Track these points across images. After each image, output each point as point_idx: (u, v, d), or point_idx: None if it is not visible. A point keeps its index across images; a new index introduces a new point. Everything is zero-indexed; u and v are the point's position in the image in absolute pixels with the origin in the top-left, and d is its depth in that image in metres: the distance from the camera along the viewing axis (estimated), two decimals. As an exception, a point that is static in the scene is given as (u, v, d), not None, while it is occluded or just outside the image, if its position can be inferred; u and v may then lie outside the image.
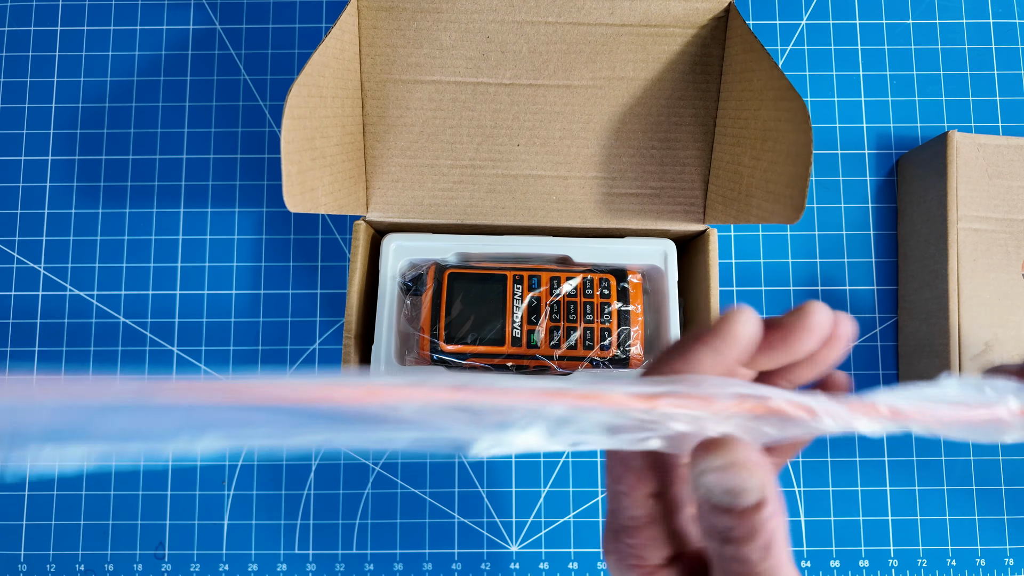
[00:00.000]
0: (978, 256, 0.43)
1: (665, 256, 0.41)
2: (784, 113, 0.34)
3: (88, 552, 0.46)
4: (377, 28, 0.40)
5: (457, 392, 0.17)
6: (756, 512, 0.17)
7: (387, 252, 0.41)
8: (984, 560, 0.45)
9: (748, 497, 0.17)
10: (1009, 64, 0.50)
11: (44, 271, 0.48)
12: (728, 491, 0.17)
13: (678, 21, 0.40)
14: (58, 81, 0.50)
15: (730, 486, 0.17)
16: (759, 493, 0.17)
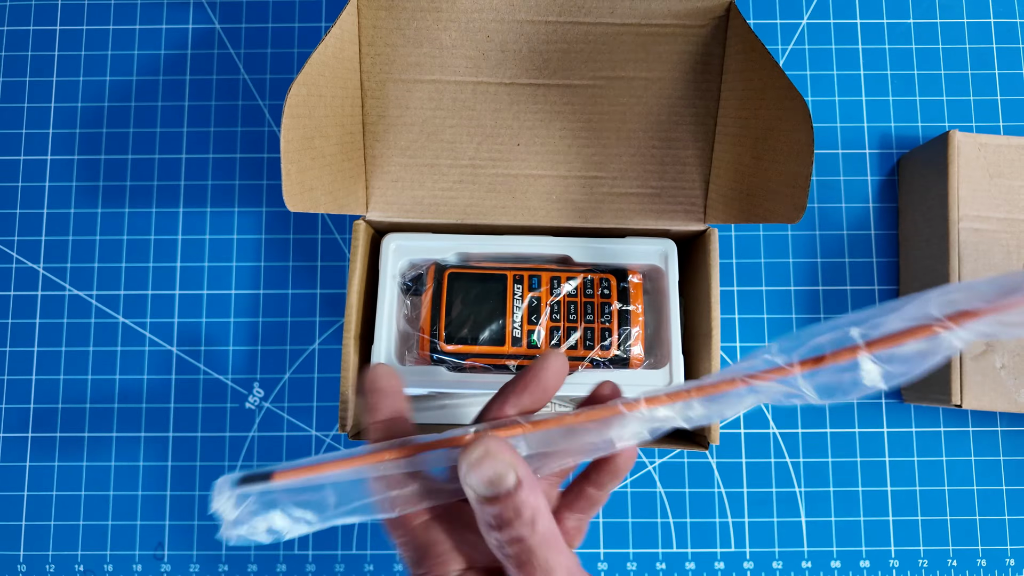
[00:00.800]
0: (979, 256, 0.42)
1: (665, 256, 0.41)
2: (785, 112, 0.34)
3: (87, 552, 0.46)
4: (377, 27, 0.40)
5: None
6: (516, 493, 0.20)
7: (387, 252, 0.41)
8: (985, 560, 0.45)
9: (506, 482, 0.20)
10: (1010, 63, 0.50)
11: (43, 271, 0.48)
12: (489, 482, 0.20)
13: (679, 20, 0.40)
14: (57, 80, 0.50)
15: (489, 476, 0.20)
16: (514, 477, 0.20)
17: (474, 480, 0.20)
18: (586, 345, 0.39)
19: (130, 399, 0.47)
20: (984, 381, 0.41)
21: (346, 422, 0.37)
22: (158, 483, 0.46)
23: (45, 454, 0.47)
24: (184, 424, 0.47)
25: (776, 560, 0.45)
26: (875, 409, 0.47)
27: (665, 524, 0.46)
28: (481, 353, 0.39)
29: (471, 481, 0.20)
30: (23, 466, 0.46)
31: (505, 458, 0.20)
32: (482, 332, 0.39)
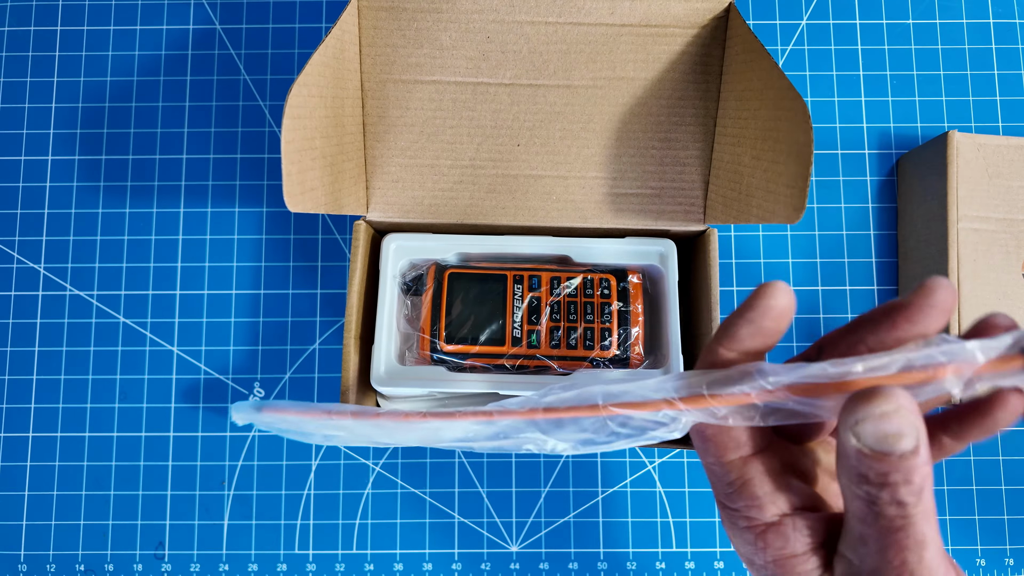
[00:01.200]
0: (978, 256, 0.43)
1: (665, 256, 0.41)
2: (784, 113, 0.34)
3: (88, 552, 0.46)
4: (377, 28, 0.40)
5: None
6: (913, 457, 0.18)
7: (387, 252, 0.41)
8: (984, 560, 0.45)
9: (906, 443, 0.18)
10: (1009, 64, 0.50)
11: (44, 271, 0.48)
12: (885, 437, 0.18)
13: (678, 21, 0.40)
14: (58, 81, 0.50)
15: (889, 432, 0.18)
16: (915, 440, 0.18)
17: (869, 431, 0.18)
18: (586, 345, 0.40)
19: (131, 399, 0.47)
20: (983, 381, 0.41)
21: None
22: (159, 483, 0.46)
23: (46, 454, 0.47)
24: (185, 424, 0.47)
25: (776, 560, 0.46)
26: (874, 409, 0.47)
27: (665, 524, 0.46)
28: (481, 353, 0.39)
29: (864, 431, 0.18)
30: (24, 466, 0.47)
31: (913, 419, 0.18)
32: (482, 332, 0.39)
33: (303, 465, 0.47)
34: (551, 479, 0.46)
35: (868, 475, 0.19)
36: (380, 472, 0.47)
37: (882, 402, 0.18)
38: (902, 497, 0.19)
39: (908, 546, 0.19)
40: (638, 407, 0.22)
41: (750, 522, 0.22)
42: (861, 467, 0.19)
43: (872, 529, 0.19)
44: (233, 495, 0.46)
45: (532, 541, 0.46)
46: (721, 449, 0.22)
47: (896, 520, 0.19)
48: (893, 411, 0.18)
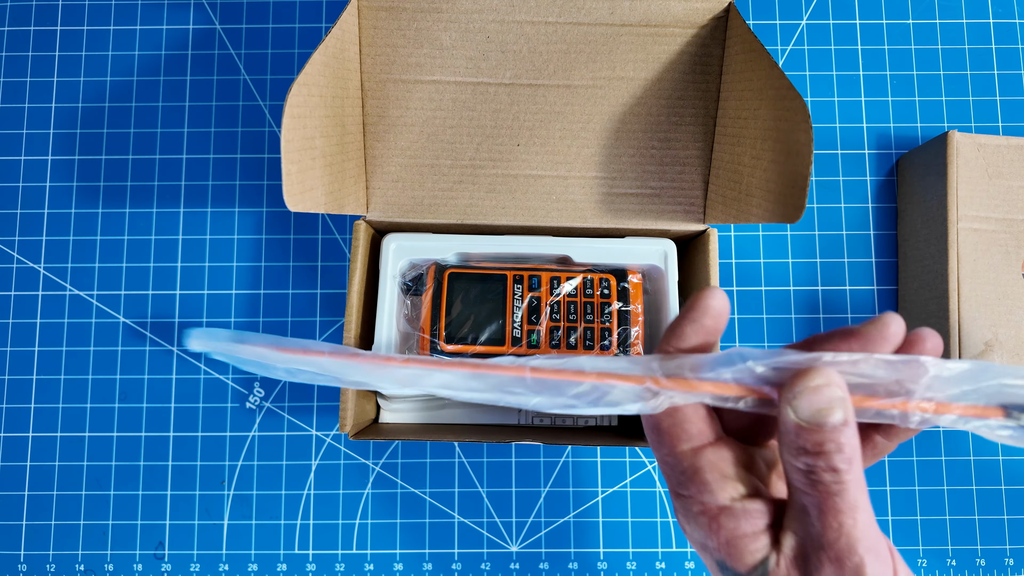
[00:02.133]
0: (978, 256, 0.43)
1: (665, 256, 0.41)
2: (784, 113, 0.34)
3: (88, 552, 0.46)
4: (377, 28, 0.40)
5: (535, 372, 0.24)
6: (843, 428, 0.21)
7: (387, 252, 0.41)
8: (984, 560, 0.45)
9: (836, 415, 0.21)
10: (1009, 64, 0.50)
11: (44, 271, 0.48)
12: (819, 411, 0.21)
13: (678, 21, 0.40)
14: (58, 81, 0.50)
15: (821, 405, 0.21)
16: (844, 413, 0.21)
17: (804, 405, 0.21)
18: (586, 345, 0.40)
19: (130, 399, 0.47)
20: (983, 381, 0.41)
21: (346, 422, 0.37)
22: (159, 483, 0.46)
23: (46, 454, 0.47)
24: (184, 424, 0.47)
25: (775, 560, 0.45)
26: (874, 409, 0.47)
27: (665, 523, 0.46)
28: (481, 353, 0.39)
29: (800, 405, 0.21)
30: (24, 466, 0.47)
31: (841, 393, 0.21)
32: (482, 332, 0.39)
33: (303, 465, 0.47)
34: (551, 479, 0.46)
35: (806, 446, 0.21)
36: (380, 472, 0.47)
37: (815, 376, 0.21)
38: (836, 464, 0.21)
39: (844, 510, 0.21)
40: (623, 378, 0.23)
41: (703, 506, 0.23)
42: (799, 440, 0.21)
43: (811, 497, 0.21)
44: (233, 495, 0.46)
45: (532, 541, 0.46)
46: (674, 440, 0.24)
47: (832, 486, 0.21)
48: (824, 385, 0.21)
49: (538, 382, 0.24)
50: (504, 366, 0.24)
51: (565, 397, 0.24)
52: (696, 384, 0.23)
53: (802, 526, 0.22)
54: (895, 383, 0.22)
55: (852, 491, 0.21)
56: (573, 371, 0.24)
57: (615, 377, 0.23)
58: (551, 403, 0.24)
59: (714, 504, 0.23)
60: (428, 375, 0.25)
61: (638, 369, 0.23)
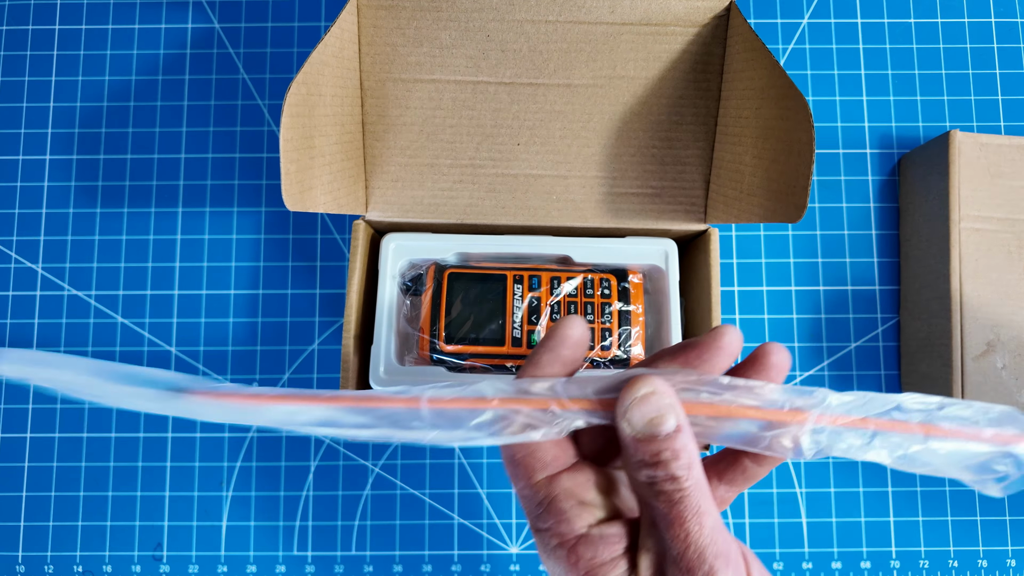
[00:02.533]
0: (980, 256, 0.42)
1: (666, 256, 0.41)
2: (786, 112, 0.34)
3: (86, 553, 0.45)
4: (377, 27, 0.40)
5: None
6: (677, 435, 0.21)
7: (387, 252, 0.41)
8: (986, 561, 0.45)
9: (668, 423, 0.21)
10: (1011, 63, 0.50)
11: (42, 271, 0.48)
12: (650, 420, 0.21)
13: (679, 20, 0.40)
14: (56, 80, 0.50)
15: (652, 415, 0.21)
16: (675, 420, 0.21)
17: (635, 416, 0.21)
18: (586, 345, 0.39)
19: (129, 399, 0.47)
20: (985, 381, 0.41)
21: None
22: (157, 484, 0.46)
23: (44, 454, 0.46)
24: (183, 425, 0.47)
25: (777, 561, 0.45)
26: (876, 409, 0.47)
27: (665, 525, 0.46)
28: (481, 353, 0.39)
29: (632, 417, 0.21)
30: (22, 466, 0.46)
31: (669, 400, 0.21)
32: (482, 332, 0.39)
33: (302, 467, 0.46)
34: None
35: (644, 458, 0.21)
36: (379, 473, 0.46)
37: (641, 386, 0.21)
38: (674, 471, 0.21)
39: (688, 517, 0.21)
40: (527, 403, 0.22)
41: (561, 538, 0.22)
42: (638, 453, 0.21)
43: (657, 509, 0.21)
44: (232, 496, 0.46)
45: (532, 543, 0.46)
46: (529, 471, 0.23)
47: (674, 494, 0.21)
48: (651, 393, 0.21)
49: (436, 413, 0.22)
50: (395, 398, 0.22)
51: (464, 429, 0.22)
52: (605, 403, 0.22)
53: (655, 542, 0.22)
54: (786, 412, 0.21)
55: (694, 497, 0.21)
56: (473, 399, 0.22)
57: (519, 402, 0.22)
58: (449, 437, 0.22)
59: (571, 534, 0.22)
60: (304, 411, 0.22)
61: (541, 392, 0.22)
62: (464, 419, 0.22)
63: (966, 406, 0.22)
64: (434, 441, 0.22)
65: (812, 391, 0.22)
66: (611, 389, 0.22)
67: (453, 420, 0.22)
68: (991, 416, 0.21)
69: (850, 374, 0.47)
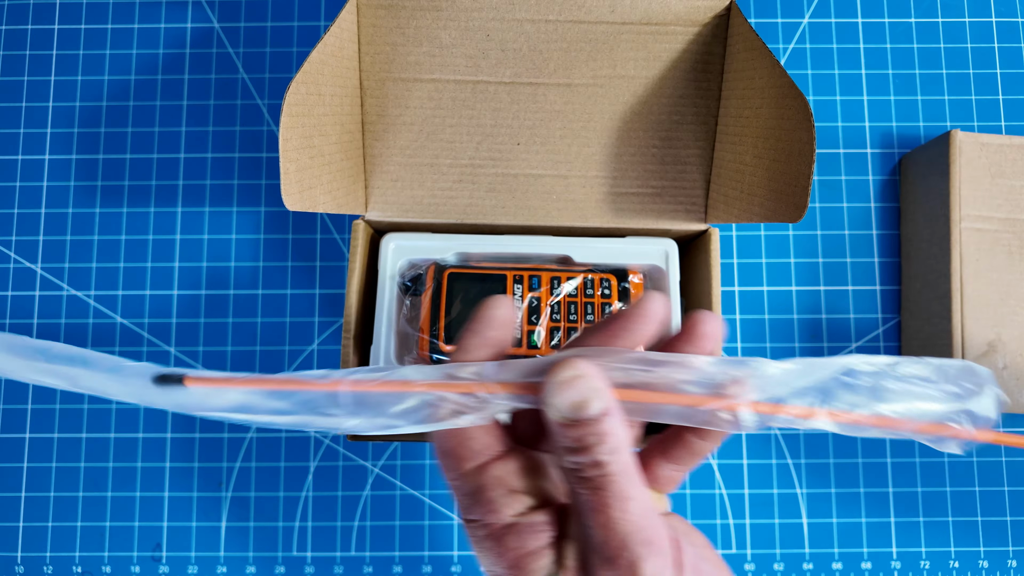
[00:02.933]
0: (981, 256, 0.42)
1: (666, 256, 0.41)
2: (786, 111, 0.34)
3: (85, 554, 0.45)
4: (376, 26, 0.40)
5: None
6: (602, 419, 0.20)
7: (386, 252, 0.41)
8: (987, 562, 0.45)
9: (593, 406, 0.20)
10: (1012, 63, 0.50)
11: (41, 271, 0.48)
12: (575, 405, 0.20)
13: (679, 19, 0.40)
14: (55, 80, 0.50)
15: (576, 399, 0.20)
16: (602, 403, 0.20)
17: (559, 400, 0.20)
18: (586, 345, 0.39)
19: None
20: (986, 382, 0.41)
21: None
22: (156, 484, 0.46)
23: (43, 455, 0.46)
24: (182, 425, 0.46)
25: (777, 562, 0.45)
26: (877, 410, 0.47)
27: (666, 525, 0.46)
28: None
29: (556, 401, 0.20)
30: (21, 467, 0.46)
31: (595, 383, 0.20)
32: (482, 332, 0.39)
33: (301, 467, 0.46)
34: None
35: (569, 443, 0.20)
36: (379, 474, 0.46)
37: (566, 369, 0.20)
38: (598, 456, 0.20)
39: (611, 504, 0.20)
40: (454, 387, 0.21)
41: (488, 529, 0.22)
42: (562, 438, 0.20)
43: (583, 496, 0.20)
44: (231, 497, 0.46)
45: (532, 543, 0.46)
46: (460, 461, 0.22)
47: (597, 480, 0.20)
48: (575, 376, 0.20)
49: (357, 399, 0.21)
50: (314, 381, 0.21)
51: (387, 417, 0.21)
52: (532, 387, 0.21)
53: (581, 531, 0.21)
54: (719, 384, 0.21)
55: (620, 483, 0.20)
56: (399, 382, 0.21)
57: (444, 387, 0.21)
58: (371, 424, 0.21)
59: (499, 523, 0.22)
60: (217, 394, 0.21)
61: (468, 376, 0.21)
62: (387, 405, 0.21)
63: (922, 364, 0.21)
64: (354, 429, 0.21)
65: (747, 361, 0.21)
66: (539, 372, 0.21)
67: (375, 406, 0.21)
68: (948, 373, 0.21)
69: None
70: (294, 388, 0.21)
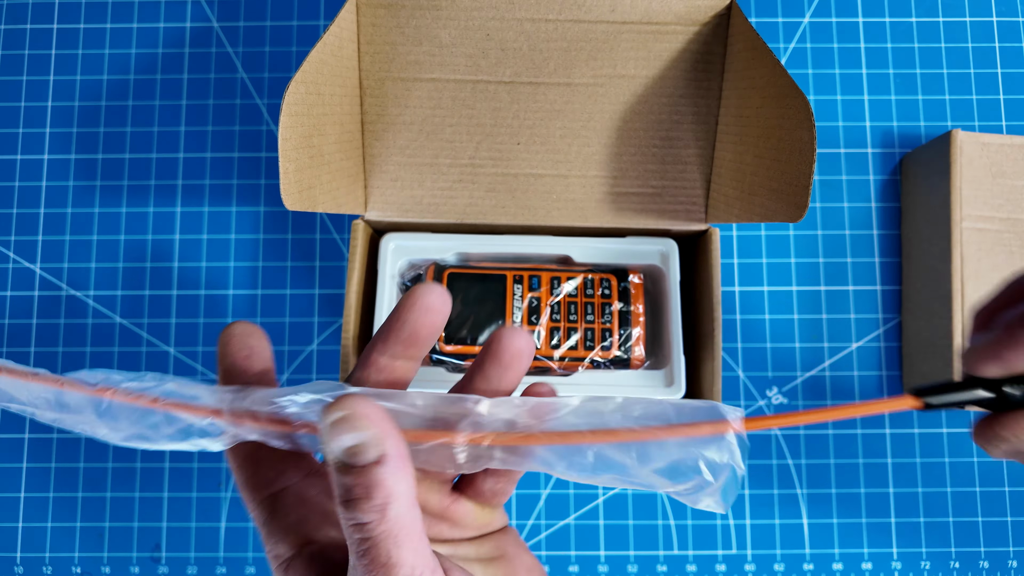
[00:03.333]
0: (982, 256, 0.42)
1: (667, 256, 0.41)
2: (787, 111, 0.33)
3: (84, 554, 0.45)
4: (376, 25, 0.40)
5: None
6: (374, 468, 0.17)
7: (386, 252, 0.41)
8: (987, 562, 0.45)
9: (365, 454, 0.17)
10: (1013, 63, 0.50)
11: (40, 271, 0.48)
12: (349, 449, 0.17)
13: (680, 18, 0.40)
14: (54, 80, 0.50)
15: (350, 442, 0.17)
16: (377, 450, 0.17)
17: (331, 443, 0.17)
18: (586, 346, 0.39)
19: (127, 400, 0.47)
20: (987, 382, 0.41)
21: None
22: (155, 485, 0.46)
23: (42, 455, 0.46)
24: (182, 425, 0.46)
25: (778, 562, 0.45)
26: (877, 410, 0.47)
27: (666, 526, 0.46)
28: (481, 354, 0.39)
29: (328, 443, 0.17)
30: (20, 467, 0.46)
31: (370, 426, 0.17)
32: (482, 332, 0.39)
33: (301, 467, 0.46)
34: (551, 481, 0.46)
35: (338, 492, 0.17)
36: (379, 474, 0.46)
37: (337, 408, 0.17)
38: (363, 516, 0.17)
39: (375, 571, 0.17)
40: (190, 410, 0.20)
41: (276, 561, 0.20)
42: (335, 485, 0.17)
43: (351, 556, 0.18)
44: (230, 497, 0.46)
45: (532, 543, 0.46)
46: (253, 487, 0.21)
47: (362, 544, 0.17)
48: (348, 417, 0.17)
49: (115, 408, 0.20)
50: (81, 384, 0.21)
51: (141, 427, 0.20)
52: (263, 420, 0.19)
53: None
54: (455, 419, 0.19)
55: (383, 547, 0.17)
56: (138, 395, 0.20)
57: (183, 408, 0.20)
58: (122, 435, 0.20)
59: (284, 556, 0.20)
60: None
61: (209, 400, 0.20)
62: (140, 417, 0.20)
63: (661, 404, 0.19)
64: (105, 438, 0.20)
65: (465, 399, 0.20)
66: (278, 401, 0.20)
67: (130, 416, 0.20)
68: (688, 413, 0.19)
69: (851, 374, 0.47)
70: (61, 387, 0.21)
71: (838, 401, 0.47)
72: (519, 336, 0.21)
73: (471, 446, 0.19)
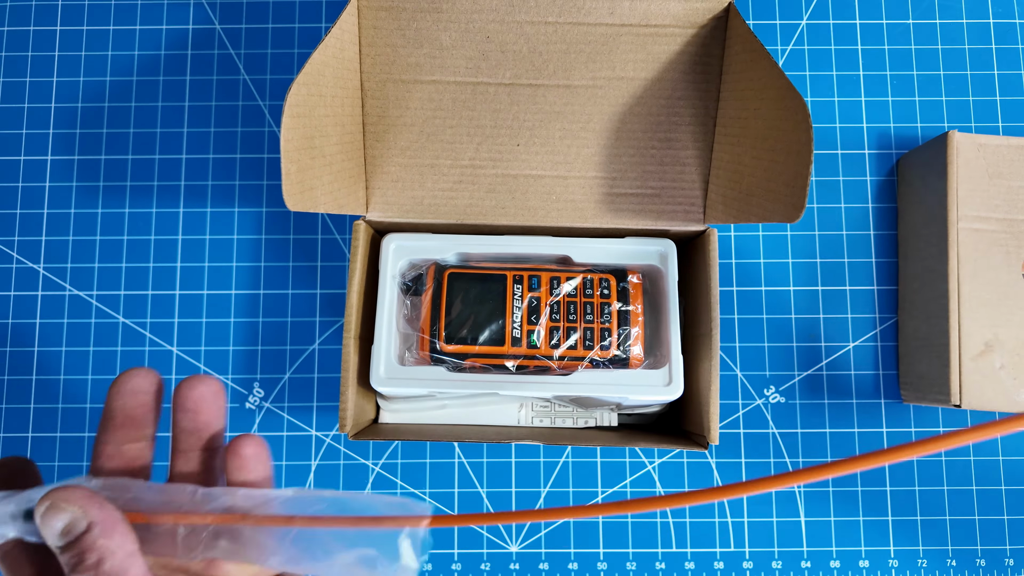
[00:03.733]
0: (978, 256, 0.42)
1: (665, 256, 0.41)
2: (785, 112, 0.34)
3: (87, 552, 0.46)
4: (377, 28, 0.40)
5: None
6: (85, 536, 0.20)
7: (387, 252, 0.41)
8: (984, 560, 0.45)
9: (76, 526, 0.20)
10: (1009, 64, 0.50)
11: (43, 271, 0.48)
12: (63, 530, 0.20)
13: (678, 21, 0.40)
14: (57, 81, 0.50)
15: (60, 524, 0.20)
16: (84, 520, 0.20)
17: (47, 531, 0.20)
18: (585, 345, 0.39)
19: (130, 399, 0.47)
20: (983, 381, 0.41)
21: (346, 422, 0.37)
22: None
23: (45, 454, 0.47)
24: (184, 424, 0.47)
25: (775, 560, 0.46)
26: (874, 409, 0.47)
27: (665, 524, 0.46)
28: (481, 353, 0.39)
29: (45, 532, 0.20)
30: (23, 466, 0.46)
31: (73, 504, 0.20)
32: (482, 332, 0.39)
33: (303, 465, 0.46)
34: (551, 479, 0.46)
35: (65, 570, 0.20)
36: (380, 472, 0.46)
37: (43, 503, 0.20)
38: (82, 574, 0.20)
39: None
40: None
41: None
42: (63, 565, 0.20)
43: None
44: None
45: (532, 541, 0.46)
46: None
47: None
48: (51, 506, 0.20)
49: None
50: None
51: None
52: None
53: None
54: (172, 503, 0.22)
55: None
56: None
57: None
58: None
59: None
60: None
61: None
62: None
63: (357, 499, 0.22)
64: None
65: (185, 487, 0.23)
66: None
67: None
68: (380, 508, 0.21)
69: (848, 374, 0.47)
70: None
71: (837, 400, 0.47)
72: (254, 441, 0.25)
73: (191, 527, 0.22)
